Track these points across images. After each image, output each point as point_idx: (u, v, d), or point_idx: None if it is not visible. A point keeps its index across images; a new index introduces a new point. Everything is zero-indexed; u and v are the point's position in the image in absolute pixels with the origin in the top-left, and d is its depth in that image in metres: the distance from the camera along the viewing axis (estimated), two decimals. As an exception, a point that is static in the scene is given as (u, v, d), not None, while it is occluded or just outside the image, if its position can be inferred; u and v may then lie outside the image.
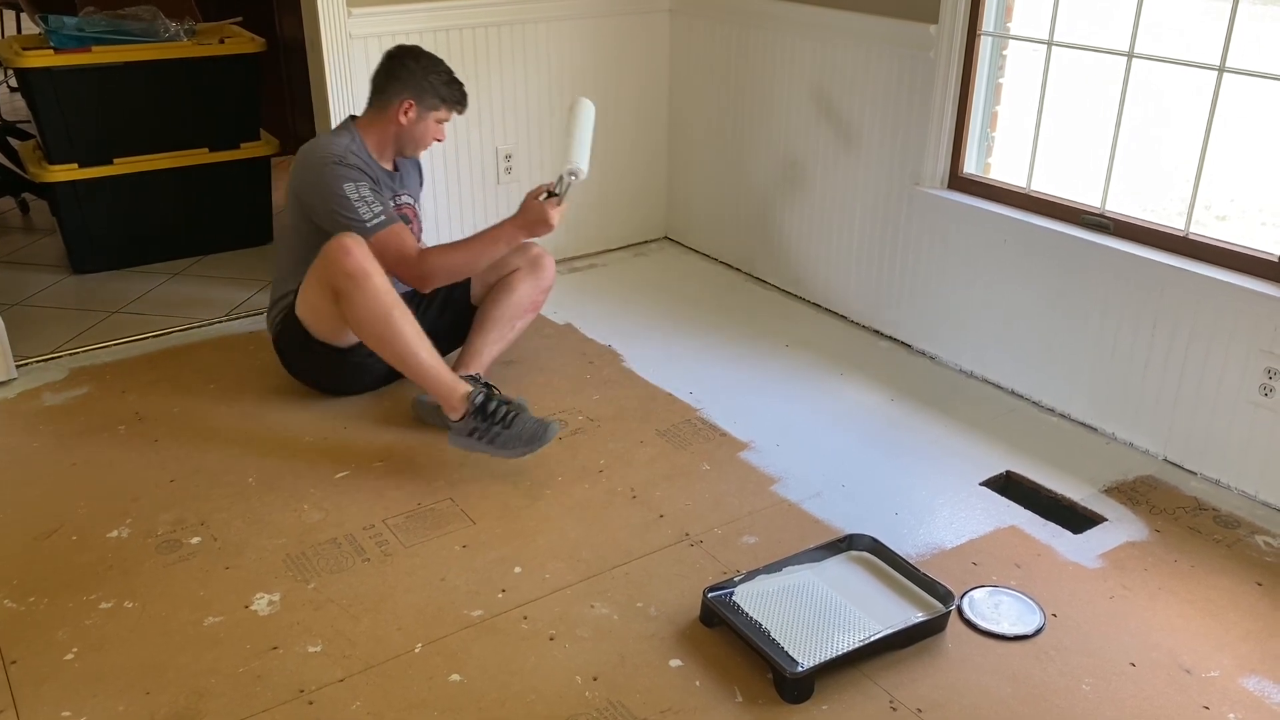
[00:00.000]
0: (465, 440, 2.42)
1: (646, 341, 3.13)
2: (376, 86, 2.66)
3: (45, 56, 3.29)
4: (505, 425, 2.39)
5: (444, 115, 2.69)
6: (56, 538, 2.21)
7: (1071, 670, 1.87)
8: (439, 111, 2.67)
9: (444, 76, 2.66)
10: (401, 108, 2.62)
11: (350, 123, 2.70)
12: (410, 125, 2.65)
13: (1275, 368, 2.28)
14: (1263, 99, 2.26)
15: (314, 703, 1.78)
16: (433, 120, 2.68)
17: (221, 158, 3.67)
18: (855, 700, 1.80)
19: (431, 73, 2.64)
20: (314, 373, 2.75)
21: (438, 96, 2.65)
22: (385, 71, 2.65)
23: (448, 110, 2.70)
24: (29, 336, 3.09)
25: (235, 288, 3.50)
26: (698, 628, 1.96)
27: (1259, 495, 2.37)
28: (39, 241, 3.91)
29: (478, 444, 2.41)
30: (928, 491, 2.41)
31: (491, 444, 2.40)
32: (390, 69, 2.64)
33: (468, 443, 2.42)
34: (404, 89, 2.62)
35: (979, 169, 2.89)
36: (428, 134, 2.70)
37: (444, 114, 2.69)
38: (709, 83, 3.61)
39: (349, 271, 2.39)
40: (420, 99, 2.63)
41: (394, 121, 2.64)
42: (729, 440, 2.60)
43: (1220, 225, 3.52)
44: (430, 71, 2.64)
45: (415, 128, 2.67)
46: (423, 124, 2.67)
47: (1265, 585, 2.10)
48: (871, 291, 3.21)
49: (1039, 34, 2.66)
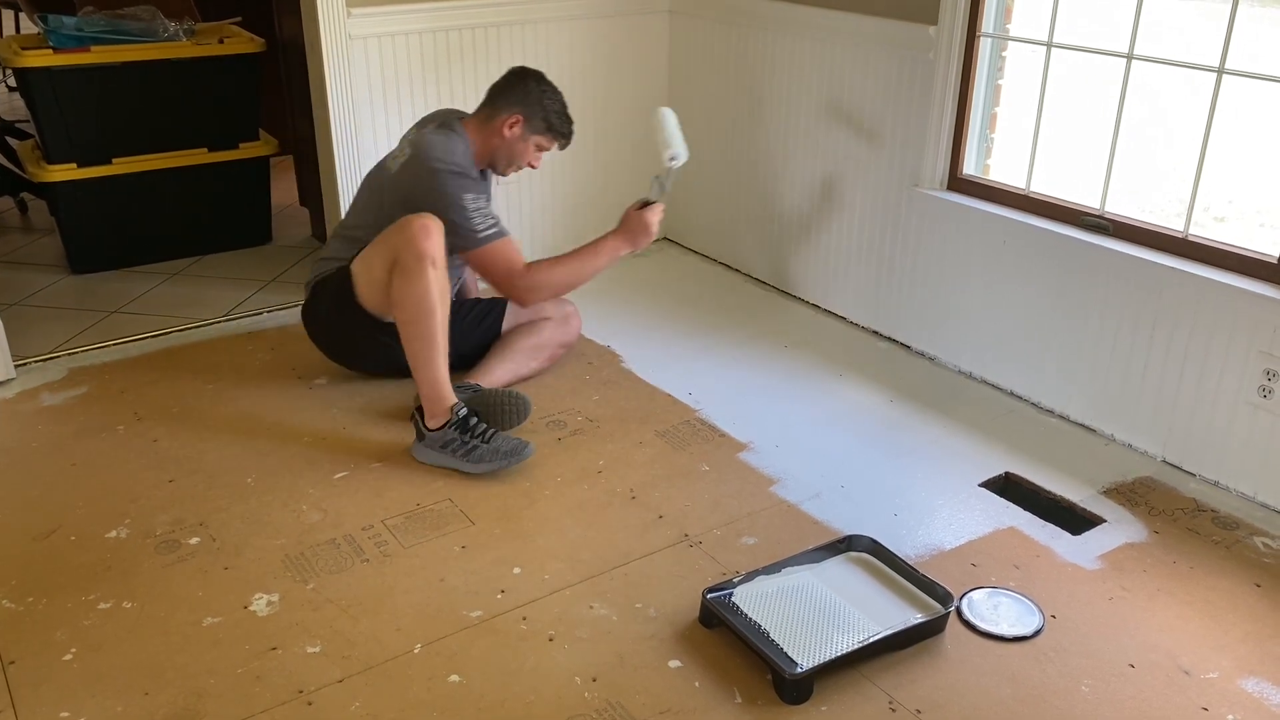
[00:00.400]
0: (434, 453, 2.45)
1: (646, 342, 3.13)
2: (491, 95, 2.69)
3: (44, 56, 3.29)
4: (484, 440, 2.41)
5: (545, 143, 2.71)
6: (55, 538, 2.21)
7: (1070, 671, 1.87)
8: (542, 137, 2.69)
9: (558, 106, 2.68)
10: (508, 121, 2.64)
11: (457, 122, 2.69)
12: (511, 141, 2.66)
13: (1274, 369, 2.28)
14: (1261, 100, 2.26)
15: (313, 703, 1.78)
16: (533, 144, 2.69)
17: (220, 158, 3.66)
18: (854, 701, 1.80)
19: (547, 98, 2.67)
20: (334, 332, 2.75)
21: (545, 122, 2.67)
22: (504, 83, 2.69)
23: (550, 140, 2.71)
24: (28, 336, 3.08)
25: (234, 288, 3.49)
26: (697, 629, 1.96)
27: (1258, 496, 2.37)
28: (38, 241, 3.90)
29: (448, 457, 2.43)
30: (927, 492, 2.41)
31: (466, 458, 2.41)
32: (509, 82, 2.68)
33: (436, 455, 2.45)
34: (516, 105, 2.64)
35: (978, 170, 2.89)
36: (525, 155, 2.71)
37: (546, 142, 2.71)
38: (708, 83, 3.61)
39: (420, 251, 2.41)
40: (529, 119, 2.65)
41: (497, 133, 2.65)
42: (728, 441, 2.60)
43: (1219, 227, 3.53)
44: (546, 96, 2.67)
45: (515, 145, 2.68)
46: (523, 144, 2.68)
47: (1264, 586, 2.10)
48: (871, 293, 3.21)
49: (1038, 35, 2.66)
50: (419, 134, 2.66)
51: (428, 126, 2.70)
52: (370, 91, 3.23)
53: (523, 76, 2.68)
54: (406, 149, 2.64)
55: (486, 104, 2.70)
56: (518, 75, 2.69)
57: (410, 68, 3.27)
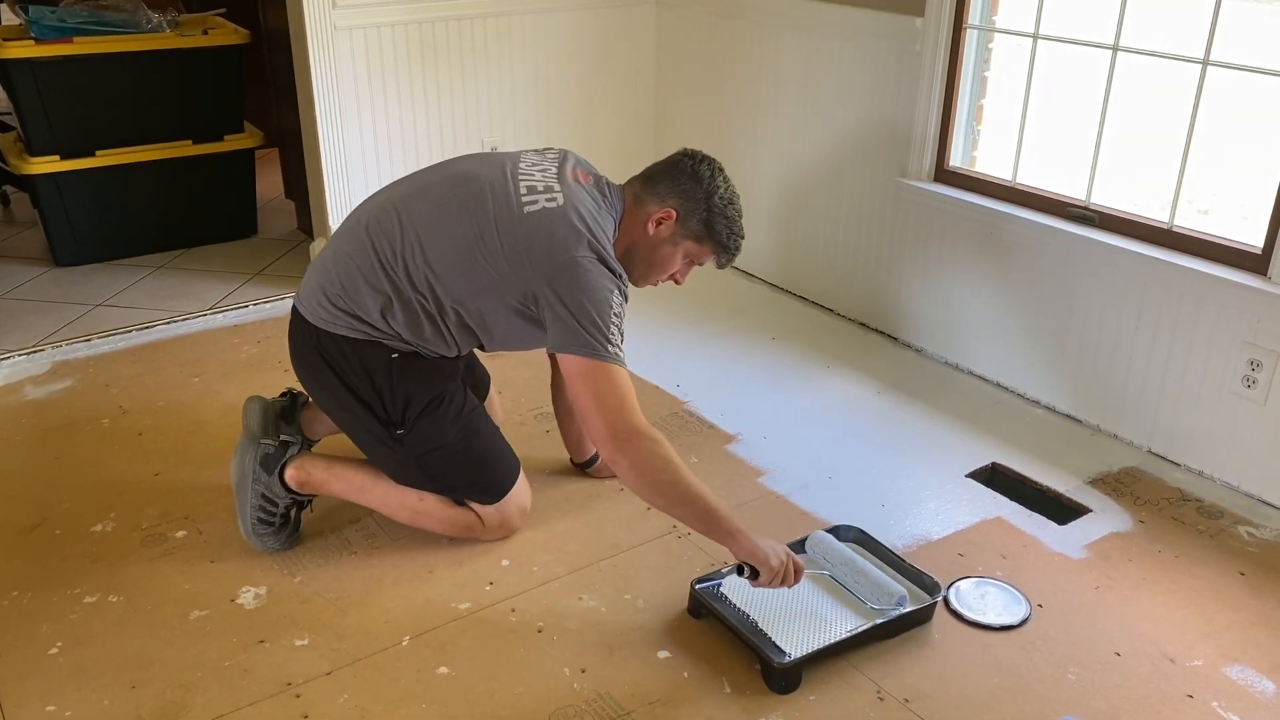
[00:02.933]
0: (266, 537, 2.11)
1: (633, 334, 3.11)
2: (648, 175, 2.06)
3: (26, 47, 3.26)
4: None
5: (700, 253, 2.06)
6: (40, 531, 2.19)
7: (1057, 660, 1.88)
8: (698, 244, 2.04)
9: (730, 209, 2.03)
10: (657, 215, 2.00)
11: (614, 191, 2.04)
12: (654, 242, 2.02)
13: (1258, 359, 2.29)
14: (1246, 92, 2.27)
15: (301, 696, 1.77)
16: (683, 251, 2.05)
17: (205, 150, 3.64)
18: (842, 690, 1.80)
19: (718, 196, 2.01)
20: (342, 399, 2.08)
21: (707, 227, 2.01)
22: (669, 164, 2.05)
23: (711, 251, 2.06)
24: (11, 329, 3.06)
25: (219, 281, 3.48)
26: (686, 619, 1.96)
27: (1242, 486, 2.38)
28: (21, 234, 3.87)
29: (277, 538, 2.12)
30: (914, 483, 2.41)
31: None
32: (676, 162, 2.04)
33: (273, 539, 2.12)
34: (675, 196, 2.00)
35: (965, 162, 2.90)
36: (668, 265, 2.06)
37: (701, 251, 2.06)
38: (696, 75, 3.60)
39: (485, 535, 2.15)
40: (686, 218, 2.01)
41: (641, 226, 2.01)
42: (716, 433, 2.61)
43: (1203, 219, 3.54)
44: (717, 195, 2.01)
45: (659, 249, 2.03)
46: (669, 250, 2.03)
47: (1248, 575, 2.11)
48: (857, 284, 3.21)
49: (1025, 27, 2.67)
50: (573, 185, 1.98)
51: (581, 176, 2.01)
52: (356, 83, 3.22)
53: (694, 159, 2.03)
54: (555, 191, 1.95)
55: (644, 184, 2.04)
56: (688, 156, 2.04)
57: (397, 59, 3.26)
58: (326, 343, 2.01)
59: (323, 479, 2.12)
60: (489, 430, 2.14)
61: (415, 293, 1.96)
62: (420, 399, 2.03)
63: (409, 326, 1.98)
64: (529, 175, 1.99)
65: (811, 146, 3.25)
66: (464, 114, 3.43)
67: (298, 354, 2.09)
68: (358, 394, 2.02)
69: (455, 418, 2.06)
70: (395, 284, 1.96)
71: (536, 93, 3.55)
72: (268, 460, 2.09)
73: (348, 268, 1.99)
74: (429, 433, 2.04)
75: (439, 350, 2.04)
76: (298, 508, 2.16)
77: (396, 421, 2.03)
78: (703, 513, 1.85)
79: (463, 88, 3.40)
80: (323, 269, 2.04)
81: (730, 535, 1.85)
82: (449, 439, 2.05)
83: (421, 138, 3.39)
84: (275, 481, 2.08)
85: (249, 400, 2.16)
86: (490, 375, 2.49)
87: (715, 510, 1.85)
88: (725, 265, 2.11)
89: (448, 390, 2.07)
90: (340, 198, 3.30)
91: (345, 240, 2.03)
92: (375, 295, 1.97)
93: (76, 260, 3.58)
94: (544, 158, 2.06)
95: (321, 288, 2.02)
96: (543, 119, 3.60)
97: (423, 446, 2.05)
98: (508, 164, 2.03)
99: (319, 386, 2.08)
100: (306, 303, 2.05)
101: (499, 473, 2.14)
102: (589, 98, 3.67)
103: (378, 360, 2.00)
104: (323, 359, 2.02)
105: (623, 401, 1.86)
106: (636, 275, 2.07)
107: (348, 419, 2.08)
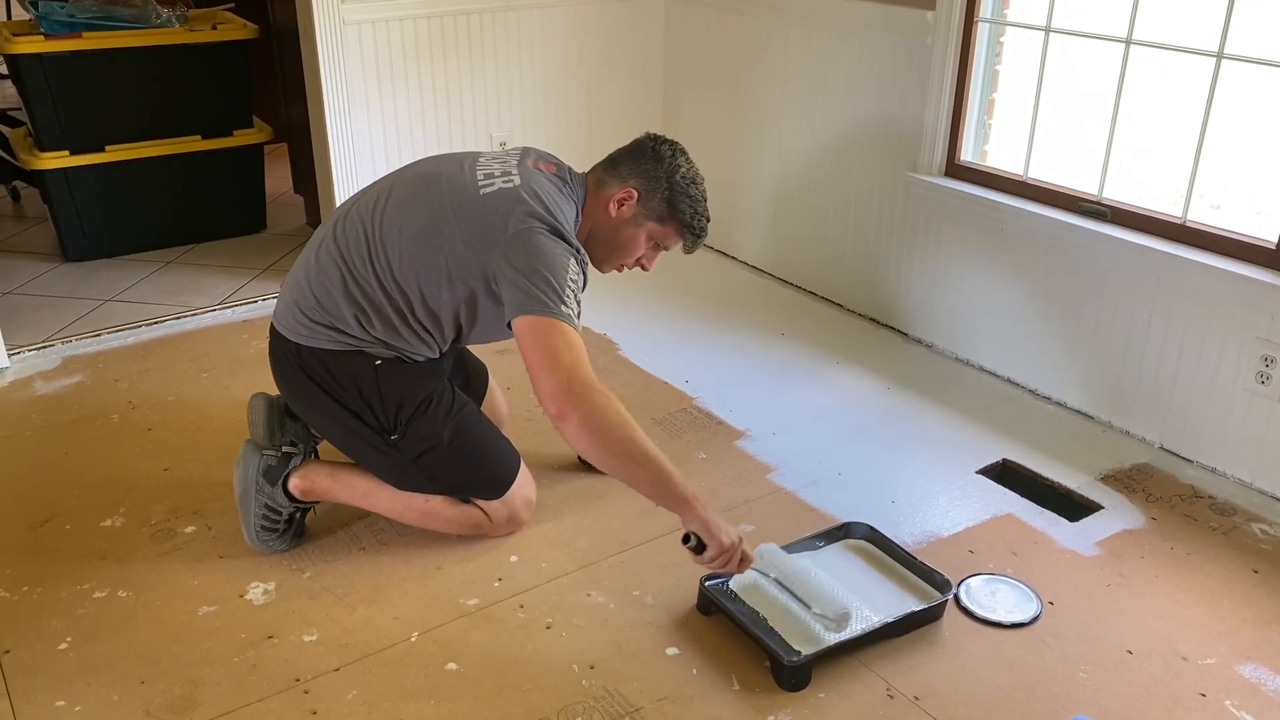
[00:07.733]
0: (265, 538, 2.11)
1: (642, 330, 3.13)
2: (610, 160, 2.06)
3: (35, 42, 3.26)
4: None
5: (664, 235, 2.04)
6: (50, 527, 2.20)
7: (1068, 658, 1.87)
8: (661, 225, 2.02)
9: (693, 189, 2.01)
10: (618, 195, 2.00)
11: (577, 179, 2.05)
12: (616, 223, 2.01)
13: (1272, 355, 2.27)
14: (1259, 86, 2.25)
15: (309, 692, 1.77)
16: (646, 233, 2.03)
17: (214, 145, 3.64)
18: (852, 688, 1.79)
19: (679, 175, 2.00)
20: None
21: (670, 206, 2.00)
22: (631, 146, 2.05)
23: (675, 233, 2.04)
24: (21, 325, 3.07)
25: (228, 276, 3.48)
26: (695, 616, 1.96)
27: (1255, 483, 2.37)
28: (30, 229, 3.88)
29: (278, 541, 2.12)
30: (924, 480, 2.40)
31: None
32: (638, 144, 2.04)
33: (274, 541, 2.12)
34: (636, 176, 2.00)
35: (976, 156, 2.88)
36: (632, 248, 2.04)
37: (665, 233, 2.04)
38: (704, 69, 3.59)
39: (494, 531, 2.14)
40: (648, 197, 2.00)
41: (603, 208, 2.01)
42: (725, 429, 2.60)
43: (1215, 214, 3.50)
44: (679, 174, 2.00)
45: (621, 230, 2.02)
46: (631, 231, 2.02)
47: (1261, 572, 2.10)
48: (867, 279, 3.20)
49: (1037, 20, 2.65)
50: (533, 171, 1.99)
51: (543, 165, 2.04)
52: (365, 77, 3.21)
53: (656, 141, 2.03)
54: (512, 174, 1.97)
55: (606, 168, 2.05)
56: (650, 138, 2.04)
57: (405, 54, 3.25)
58: (308, 358, 2.02)
59: (327, 486, 2.11)
60: (483, 426, 2.14)
61: (386, 296, 1.97)
62: (411, 402, 2.02)
63: (387, 331, 1.99)
64: (487, 166, 2.01)
65: (821, 140, 3.23)
66: (472, 108, 3.42)
67: (281, 374, 2.10)
68: (346, 405, 2.02)
69: (446, 416, 2.06)
70: (367, 291, 1.97)
71: (545, 87, 3.54)
72: (270, 472, 2.08)
73: (320, 281, 2.00)
74: (423, 433, 2.04)
75: (420, 352, 2.05)
76: (301, 513, 2.16)
77: (389, 427, 2.03)
78: (656, 474, 1.79)
79: (471, 82, 3.39)
80: (295, 285, 2.05)
81: (684, 501, 1.79)
82: (443, 438, 2.05)
83: (430, 132, 3.39)
84: (278, 492, 2.08)
85: (254, 397, 2.16)
86: (492, 370, 2.49)
87: (669, 473, 1.79)
88: (692, 249, 2.10)
89: (436, 390, 2.06)
90: (349, 192, 3.30)
91: (315, 254, 2.05)
92: (350, 304, 1.98)
93: (86, 255, 3.58)
94: (505, 152, 2.09)
95: (296, 303, 2.03)
96: (551, 113, 3.59)
97: (419, 448, 2.04)
98: (467, 159, 2.05)
99: (308, 405, 2.08)
100: (284, 320, 2.06)
101: (499, 466, 2.13)
102: (597, 92, 3.66)
103: (362, 369, 2.01)
104: (307, 375, 2.03)
105: (577, 358, 1.80)
106: (600, 258, 2.06)
107: (341, 433, 2.08)
